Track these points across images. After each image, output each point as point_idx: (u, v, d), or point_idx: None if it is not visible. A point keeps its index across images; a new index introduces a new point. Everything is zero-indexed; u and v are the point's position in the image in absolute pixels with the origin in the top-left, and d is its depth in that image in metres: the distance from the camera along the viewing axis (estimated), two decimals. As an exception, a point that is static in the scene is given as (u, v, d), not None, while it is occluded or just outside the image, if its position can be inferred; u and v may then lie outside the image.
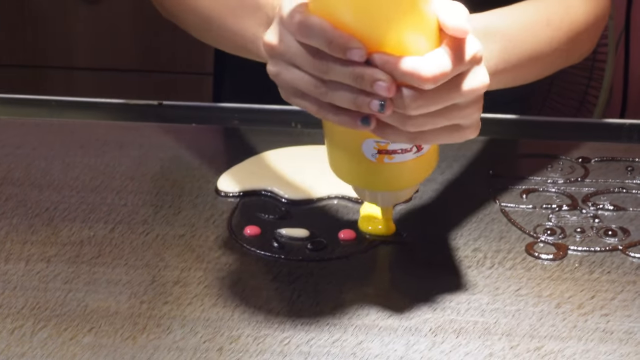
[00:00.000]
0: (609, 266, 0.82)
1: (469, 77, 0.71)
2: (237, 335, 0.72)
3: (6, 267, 0.80)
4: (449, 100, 0.70)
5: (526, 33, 0.87)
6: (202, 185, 0.93)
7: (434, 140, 0.73)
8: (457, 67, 0.69)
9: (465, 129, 0.73)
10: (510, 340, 0.73)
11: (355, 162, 0.75)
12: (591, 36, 0.98)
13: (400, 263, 0.82)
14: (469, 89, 0.71)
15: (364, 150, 0.74)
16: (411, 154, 0.74)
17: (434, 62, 0.68)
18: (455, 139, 0.74)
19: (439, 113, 0.71)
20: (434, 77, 0.68)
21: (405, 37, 0.68)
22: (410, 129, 0.71)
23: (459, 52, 0.69)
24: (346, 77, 0.69)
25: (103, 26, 1.96)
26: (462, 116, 0.72)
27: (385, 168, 0.75)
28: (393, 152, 0.74)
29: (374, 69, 0.68)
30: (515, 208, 0.91)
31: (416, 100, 0.69)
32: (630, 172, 0.97)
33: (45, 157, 0.98)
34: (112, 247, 0.83)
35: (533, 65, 0.89)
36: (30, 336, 0.72)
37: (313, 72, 0.70)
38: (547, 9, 0.91)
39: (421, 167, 0.77)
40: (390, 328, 0.74)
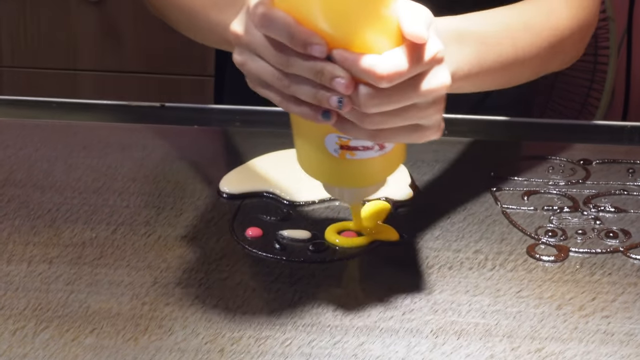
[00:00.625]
0: (610, 268, 0.82)
1: (428, 78, 0.71)
2: (239, 337, 0.73)
3: (8, 268, 0.80)
4: (406, 99, 0.70)
5: (504, 37, 0.86)
6: (204, 186, 0.93)
7: (393, 139, 0.73)
8: (414, 67, 0.69)
9: (425, 129, 0.74)
10: (512, 341, 0.73)
11: (318, 157, 0.76)
12: (576, 42, 0.96)
13: (402, 264, 0.82)
14: (427, 89, 0.71)
15: (326, 144, 0.74)
16: (373, 151, 0.75)
17: (390, 61, 0.68)
18: (416, 139, 0.74)
19: (397, 112, 0.71)
20: (389, 76, 0.68)
21: (366, 35, 0.69)
22: (368, 127, 0.71)
23: (418, 53, 0.69)
24: (307, 72, 0.69)
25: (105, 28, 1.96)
26: (422, 116, 0.72)
27: (348, 164, 0.75)
28: (355, 148, 0.74)
29: (334, 65, 0.69)
30: (517, 210, 0.91)
31: (373, 98, 0.69)
32: (632, 174, 0.98)
33: (47, 158, 0.98)
34: (114, 249, 0.83)
35: (511, 70, 0.88)
36: (32, 337, 0.72)
37: (276, 65, 0.70)
38: (528, 14, 0.90)
39: (384, 166, 0.77)
40: (392, 329, 0.74)
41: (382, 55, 0.69)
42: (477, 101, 1.18)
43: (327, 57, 0.69)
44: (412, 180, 0.94)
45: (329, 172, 0.77)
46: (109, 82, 1.99)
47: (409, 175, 0.95)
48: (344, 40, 0.69)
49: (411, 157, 0.99)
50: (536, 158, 1.00)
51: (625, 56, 1.93)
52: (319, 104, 0.70)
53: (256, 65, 0.72)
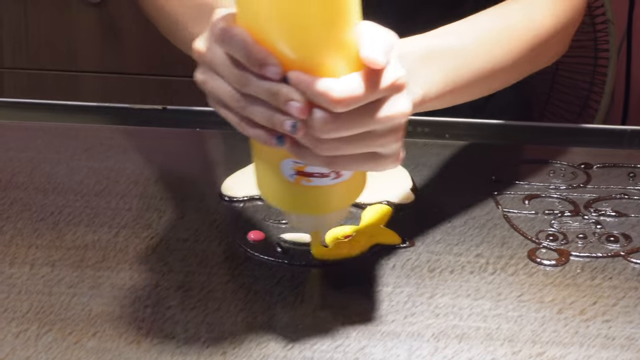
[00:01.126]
0: (610, 272, 0.82)
1: (387, 105, 0.69)
2: (241, 340, 0.73)
3: (11, 271, 0.80)
4: (363, 126, 0.68)
5: (480, 48, 0.84)
6: (206, 190, 0.93)
7: (349, 167, 0.71)
8: (371, 93, 0.67)
9: (383, 158, 0.71)
10: (513, 345, 0.73)
11: (275, 182, 0.73)
12: (561, 39, 0.95)
13: (403, 268, 0.82)
14: (385, 116, 0.68)
15: (282, 169, 0.72)
16: (329, 179, 0.72)
17: (346, 85, 0.66)
18: (372, 168, 0.72)
19: (354, 139, 0.69)
20: (344, 100, 0.66)
21: (324, 59, 0.66)
22: (323, 153, 0.69)
23: (375, 78, 0.67)
24: (263, 93, 0.68)
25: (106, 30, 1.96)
26: (379, 145, 0.70)
27: (304, 190, 0.73)
28: (311, 174, 0.72)
29: (290, 87, 0.67)
30: (518, 214, 0.91)
31: (327, 123, 0.67)
32: (632, 178, 0.98)
33: (49, 161, 0.98)
34: (116, 252, 0.83)
35: (493, 78, 0.86)
36: (35, 340, 0.72)
37: (233, 84, 0.69)
38: (508, 19, 0.88)
39: (342, 194, 0.74)
40: (393, 333, 0.74)
41: (338, 79, 0.66)
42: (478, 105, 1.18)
43: (284, 79, 0.67)
44: (413, 183, 0.95)
45: (284, 198, 0.74)
46: (110, 84, 1.99)
47: (410, 178, 0.95)
48: (302, 62, 0.67)
49: (412, 161, 0.99)
50: (537, 162, 1.01)
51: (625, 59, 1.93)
52: (273, 127, 0.68)
53: (216, 84, 0.70)
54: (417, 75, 0.77)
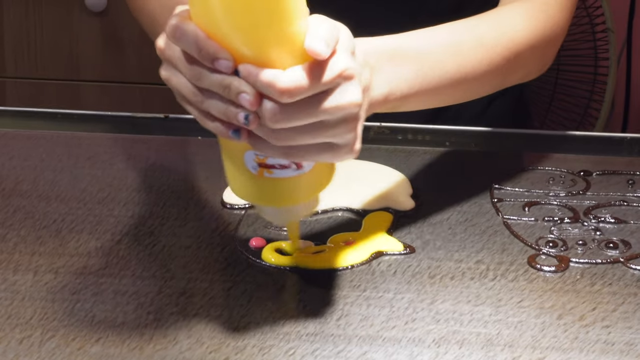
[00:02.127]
0: (610, 278, 0.83)
1: (335, 95, 0.70)
2: (243, 346, 0.73)
3: (15, 278, 0.81)
4: (312, 116, 0.69)
5: (449, 54, 0.85)
6: (208, 197, 0.94)
7: (305, 157, 0.72)
8: (317, 83, 0.69)
9: (338, 148, 0.72)
10: (513, 351, 0.73)
11: (240, 175, 0.75)
12: (538, 56, 0.94)
13: (404, 274, 0.82)
14: (333, 106, 0.70)
15: (245, 161, 0.74)
16: (290, 170, 0.73)
17: (291, 75, 0.68)
18: (329, 158, 0.73)
19: (305, 129, 0.70)
20: (289, 90, 0.67)
21: (273, 52, 0.68)
22: (277, 143, 0.70)
23: (321, 69, 0.69)
24: (216, 87, 0.69)
25: (108, 38, 1.97)
26: (332, 135, 0.71)
27: (267, 182, 0.74)
28: (272, 166, 0.73)
29: (240, 80, 0.68)
30: (518, 220, 0.91)
31: (277, 114, 0.68)
32: (632, 185, 0.98)
33: (52, 169, 0.99)
34: (119, 259, 0.84)
35: (460, 87, 0.87)
36: (38, 346, 0.73)
37: (189, 79, 0.71)
38: (480, 28, 0.89)
39: (305, 186, 0.76)
40: (394, 339, 0.74)
41: (284, 70, 0.68)
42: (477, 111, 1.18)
43: (237, 72, 0.69)
44: (414, 190, 0.95)
45: (250, 190, 0.76)
46: (112, 93, 2.00)
47: (410, 186, 0.96)
48: (253, 56, 0.68)
49: (413, 169, 0.99)
50: (537, 169, 1.01)
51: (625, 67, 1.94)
52: (228, 120, 0.70)
53: (177, 80, 0.72)
54: (383, 72, 0.78)
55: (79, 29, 1.97)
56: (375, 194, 0.94)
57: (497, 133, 1.10)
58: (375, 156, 1.02)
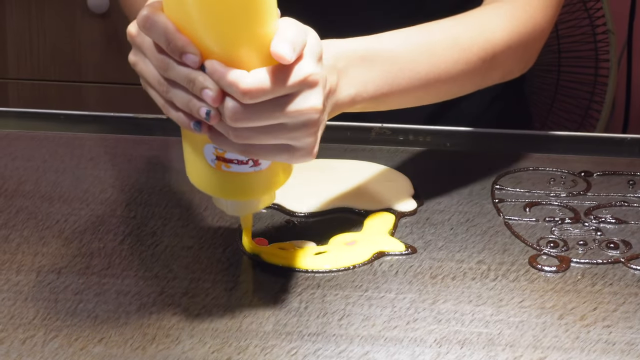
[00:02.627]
0: (611, 278, 0.83)
1: (297, 100, 0.71)
2: (245, 346, 0.73)
3: (17, 278, 0.81)
4: (272, 118, 0.71)
5: (421, 55, 0.85)
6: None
7: (263, 156, 0.74)
8: (278, 87, 0.70)
9: (296, 150, 0.74)
10: (514, 351, 0.74)
11: (198, 166, 0.77)
12: (517, 55, 0.94)
13: (405, 275, 0.83)
14: (294, 110, 0.71)
15: (205, 154, 0.76)
16: (247, 166, 0.75)
17: (254, 78, 0.69)
18: (286, 159, 0.74)
19: (265, 130, 0.71)
20: (251, 91, 0.69)
21: (239, 51, 0.70)
22: (236, 141, 0.72)
23: (285, 73, 0.70)
24: (182, 79, 0.71)
25: (110, 40, 1.97)
26: (291, 138, 0.72)
27: (223, 175, 0.76)
28: (230, 161, 0.75)
29: (205, 76, 0.70)
30: (519, 221, 0.92)
31: (238, 113, 0.70)
32: (632, 185, 0.99)
33: (55, 170, 0.99)
34: (121, 259, 0.84)
35: (435, 87, 0.88)
36: (41, 346, 0.73)
37: (157, 68, 0.72)
38: (456, 28, 0.89)
39: (261, 182, 0.77)
40: (396, 339, 0.75)
41: (249, 72, 0.69)
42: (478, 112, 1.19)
43: (202, 68, 0.70)
44: (415, 191, 0.95)
45: (207, 182, 0.78)
46: (114, 94, 2.00)
47: (412, 186, 0.96)
48: (220, 53, 0.70)
49: (414, 170, 1.00)
50: (538, 170, 1.01)
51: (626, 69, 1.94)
52: (190, 112, 0.72)
53: (144, 66, 0.74)
54: (352, 74, 0.80)
55: (81, 30, 1.97)
56: (377, 195, 0.94)
57: (498, 134, 1.11)
58: (376, 157, 1.02)
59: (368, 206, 0.92)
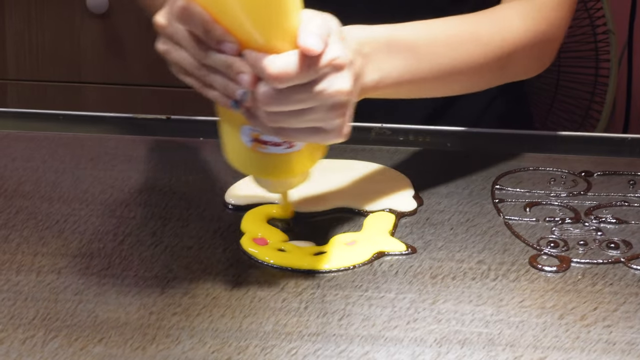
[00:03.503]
0: (611, 278, 0.83)
1: (325, 83, 0.74)
2: (245, 346, 0.73)
3: (17, 279, 0.81)
4: (302, 102, 0.74)
5: (443, 47, 0.87)
6: (210, 198, 0.94)
7: (295, 138, 0.77)
8: (306, 71, 0.72)
9: (326, 132, 0.77)
10: (514, 351, 0.74)
11: (235, 146, 0.80)
12: (535, 54, 0.96)
13: (405, 274, 0.83)
14: (323, 94, 0.74)
15: (242, 134, 0.79)
16: (282, 147, 0.79)
17: (282, 62, 0.72)
18: (318, 140, 0.78)
19: (296, 114, 0.74)
20: (278, 75, 0.71)
21: (271, 39, 0.73)
22: (269, 124, 0.75)
23: (311, 58, 0.72)
24: (219, 65, 0.74)
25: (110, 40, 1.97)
26: (321, 120, 0.75)
27: (259, 156, 0.80)
28: (265, 142, 0.78)
29: (242, 61, 0.73)
30: (519, 221, 0.92)
31: (269, 97, 0.73)
32: (632, 185, 0.99)
33: (55, 170, 0.99)
34: (121, 259, 0.84)
35: (452, 79, 0.90)
36: (41, 346, 0.73)
37: (194, 56, 0.75)
38: (476, 24, 0.91)
39: (295, 163, 0.81)
40: (396, 339, 0.75)
41: (278, 56, 0.72)
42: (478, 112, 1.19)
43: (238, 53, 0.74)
44: (415, 191, 0.95)
45: (243, 161, 0.81)
46: (114, 94, 2.00)
47: (412, 186, 0.96)
48: (252, 41, 0.73)
49: (415, 169, 1.00)
50: (538, 170, 1.01)
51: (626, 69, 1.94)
52: (228, 94, 0.75)
53: (178, 54, 0.76)
54: (376, 60, 0.82)
55: (81, 30, 1.97)
56: (377, 195, 0.94)
57: (498, 134, 1.11)
58: (376, 157, 1.02)
59: (368, 206, 0.92)
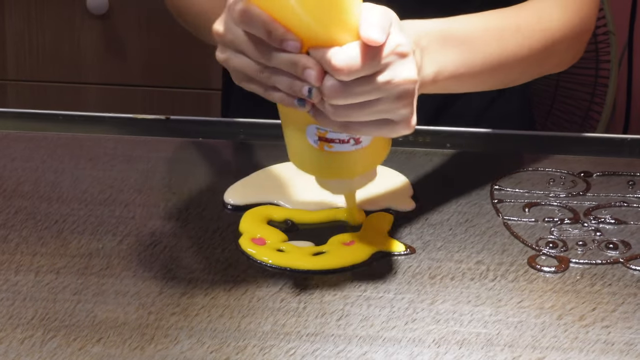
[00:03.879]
0: (610, 279, 0.83)
1: (390, 72, 0.74)
2: (244, 346, 0.73)
3: (16, 278, 0.81)
4: (368, 93, 0.73)
5: (492, 39, 0.88)
6: (209, 198, 0.94)
7: (363, 132, 0.76)
8: (370, 61, 0.72)
9: (394, 124, 0.76)
10: (513, 351, 0.74)
11: (301, 147, 0.80)
12: (570, 46, 0.98)
13: (404, 275, 0.83)
14: (389, 83, 0.73)
15: (307, 135, 0.78)
16: (349, 145, 0.78)
17: (345, 53, 0.72)
18: (386, 133, 0.77)
19: (363, 105, 0.74)
20: (343, 68, 0.71)
21: (333, 33, 0.72)
22: (336, 118, 0.75)
23: (375, 48, 0.72)
24: (284, 64, 0.74)
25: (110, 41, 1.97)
26: (388, 111, 0.75)
27: (326, 155, 0.79)
28: (332, 140, 0.78)
29: (307, 57, 0.73)
30: (518, 221, 0.92)
31: (336, 90, 0.73)
32: (632, 186, 0.99)
33: (54, 170, 0.99)
34: (120, 259, 0.84)
35: (500, 71, 0.90)
36: (40, 346, 0.73)
37: (257, 59, 0.75)
38: (518, 16, 0.92)
39: (362, 160, 0.80)
40: (395, 339, 0.75)
41: (340, 49, 0.72)
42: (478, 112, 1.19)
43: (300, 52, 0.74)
44: (414, 191, 0.95)
45: (310, 163, 0.81)
46: (114, 95, 2.00)
47: (411, 187, 0.96)
48: (315, 37, 0.73)
49: (414, 170, 1.00)
50: (537, 170, 1.01)
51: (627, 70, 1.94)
52: (294, 93, 0.74)
53: (239, 61, 0.76)
54: (433, 53, 0.82)
55: (81, 31, 1.97)
56: (376, 195, 0.94)
57: (497, 134, 1.11)
58: (375, 157, 1.02)
59: (367, 206, 0.92)
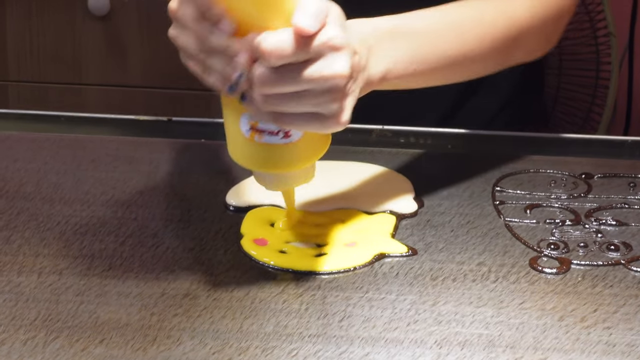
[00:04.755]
0: (611, 280, 0.83)
1: (322, 64, 0.73)
2: (246, 347, 0.74)
3: (19, 280, 0.81)
4: (297, 83, 0.73)
5: (449, 32, 0.87)
6: (211, 199, 0.94)
7: (292, 125, 0.76)
8: (300, 50, 0.72)
9: (324, 118, 0.75)
10: (514, 352, 0.74)
11: (234, 136, 0.80)
12: (540, 34, 0.96)
13: (406, 276, 0.83)
14: (319, 75, 0.73)
15: (241, 124, 0.78)
16: (278, 137, 0.78)
17: (276, 38, 0.71)
18: (316, 128, 0.76)
19: (291, 97, 0.73)
20: (271, 52, 0.71)
21: (268, 19, 0.73)
22: (264, 108, 0.74)
23: (306, 37, 0.72)
24: (218, 46, 0.74)
25: (111, 42, 1.97)
26: (317, 104, 0.74)
27: (256, 147, 0.79)
28: (262, 131, 0.78)
29: (239, 41, 0.73)
30: (519, 223, 0.92)
31: (263, 78, 0.72)
32: (633, 188, 0.99)
33: (56, 171, 0.99)
34: (122, 260, 0.84)
35: (463, 65, 0.89)
36: (42, 347, 0.73)
37: (196, 38, 0.75)
38: (481, 7, 0.91)
39: (294, 155, 0.79)
40: (397, 340, 0.75)
41: (271, 32, 0.72)
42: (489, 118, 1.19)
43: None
44: (416, 193, 0.96)
45: (241, 152, 0.80)
46: (115, 97, 2.00)
47: (412, 188, 0.96)
48: (251, 23, 0.73)
49: (415, 171, 1.00)
50: (538, 172, 1.01)
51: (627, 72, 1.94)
52: (225, 77, 0.74)
53: (185, 38, 0.76)
54: (382, 51, 0.81)
55: (82, 32, 1.97)
56: (378, 196, 0.94)
57: (499, 136, 1.11)
58: (377, 159, 1.02)
59: (369, 208, 0.92)
